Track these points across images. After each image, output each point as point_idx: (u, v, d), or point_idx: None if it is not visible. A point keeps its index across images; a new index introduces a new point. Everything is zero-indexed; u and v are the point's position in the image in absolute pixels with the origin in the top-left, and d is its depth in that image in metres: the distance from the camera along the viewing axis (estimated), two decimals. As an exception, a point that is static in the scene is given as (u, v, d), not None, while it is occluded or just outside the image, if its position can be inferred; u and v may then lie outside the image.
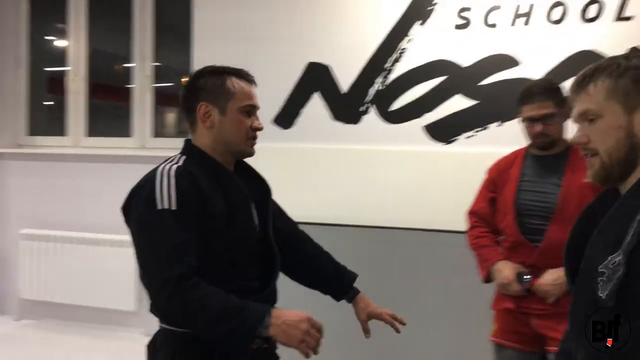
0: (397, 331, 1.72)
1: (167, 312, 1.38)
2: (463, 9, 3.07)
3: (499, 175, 2.27)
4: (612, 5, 2.84)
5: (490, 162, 2.90)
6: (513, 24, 2.98)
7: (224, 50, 3.55)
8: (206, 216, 1.40)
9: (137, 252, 1.41)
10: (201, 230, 1.39)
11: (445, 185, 3.07)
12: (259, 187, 1.64)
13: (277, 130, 3.45)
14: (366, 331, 1.72)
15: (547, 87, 2.16)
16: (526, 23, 2.96)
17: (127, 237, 1.46)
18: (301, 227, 3.20)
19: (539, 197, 2.11)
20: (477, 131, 3.06)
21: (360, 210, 3.21)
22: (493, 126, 3.03)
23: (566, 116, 2.16)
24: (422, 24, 3.14)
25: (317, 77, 3.35)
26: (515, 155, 2.28)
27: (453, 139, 3.10)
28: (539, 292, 2.06)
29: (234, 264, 1.46)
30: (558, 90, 2.16)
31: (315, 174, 3.35)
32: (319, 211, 3.28)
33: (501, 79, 2.99)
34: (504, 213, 2.18)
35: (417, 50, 3.15)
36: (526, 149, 2.26)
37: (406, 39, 3.16)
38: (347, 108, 3.30)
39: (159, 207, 1.37)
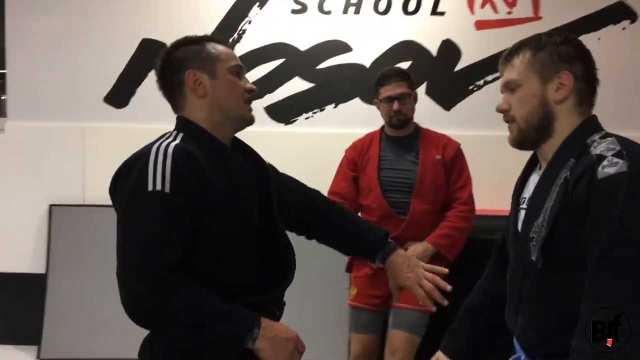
0: (432, 308, 1.45)
1: (138, 312, 1.17)
2: (299, -5, 3.19)
3: (358, 156, 2.43)
4: (428, 1, 3.18)
5: (327, 141, 3.09)
6: (345, 12, 3.19)
7: (44, 21, 3.24)
8: (205, 203, 1.23)
9: (117, 238, 1.22)
10: (195, 218, 1.21)
11: (287, 165, 3.17)
12: (259, 168, 1.43)
13: (109, 109, 3.26)
14: (395, 297, 1.59)
15: (400, 71, 2.42)
16: (357, 12, 3.19)
17: None
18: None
19: (400, 174, 2.34)
20: (315, 112, 3.23)
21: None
22: (329, 108, 3.22)
23: (415, 100, 2.41)
24: (260, 6, 3.20)
25: (152, 55, 3.20)
26: (371, 136, 2.47)
27: (293, 119, 3.23)
28: None
29: (231, 255, 1.28)
30: (409, 75, 2.42)
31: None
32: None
33: (336, 63, 3.19)
34: (368, 190, 2.36)
35: (257, 32, 3.20)
36: (380, 131, 2.46)
37: (246, 20, 3.20)
38: (186, 88, 3.23)
39: (149, 188, 1.18)
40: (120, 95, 3.25)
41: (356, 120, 3.14)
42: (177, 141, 1.26)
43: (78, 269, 3.16)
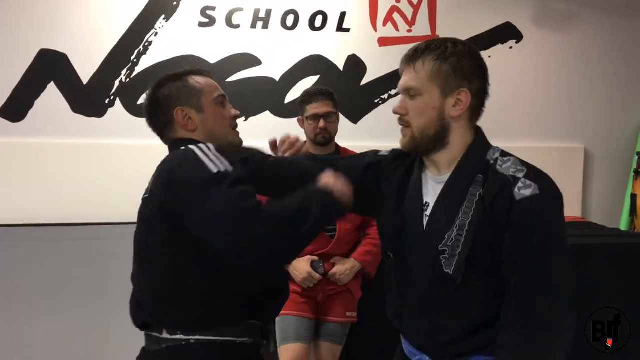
0: None
1: (259, 241, 1.19)
2: (207, 8, 3.18)
3: None
4: (334, 18, 3.30)
5: (238, 154, 3.10)
6: (254, 26, 3.22)
7: None
8: None
9: (202, 218, 1.22)
10: None
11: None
12: None
13: (4, 123, 3.06)
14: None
15: (326, 91, 2.46)
16: (265, 27, 3.23)
17: None
18: (38, 229, 2.94)
19: None
20: (225, 125, 3.22)
21: (108, 207, 3.07)
22: (240, 121, 3.18)
23: (338, 119, 2.47)
24: (166, 19, 3.16)
25: (51, 66, 3.08)
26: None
27: (203, 132, 3.21)
28: (334, 279, 2.36)
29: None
30: (334, 95, 2.48)
31: (53, 170, 3.09)
32: (61, 211, 3.04)
33: (246, 76, 3.21)
34: None
35: (164, 44, 3.15)
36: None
37: (152, 31, 3.14)
38: (88, 100, 3.11)
39: (214, 171, 1.24)
40: (16, 108, 3.06)
41: (267, 132, 3.13)
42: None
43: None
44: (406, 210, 1.31)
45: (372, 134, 3.30)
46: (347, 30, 3.31)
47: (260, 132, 3.22)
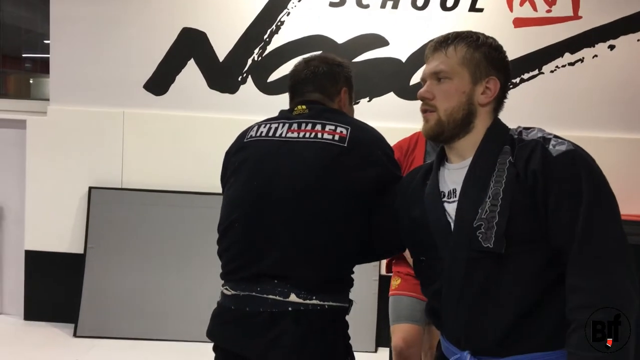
0: None
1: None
2: (338, -12, 3.21)
3: (403, 157, 2.42)
4: (467, -3, 3.17)
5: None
6: (383, 6, 3.20)
7: (88, 7, 3.32)
8: None
9: None
10: None
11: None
12: None
13: (149, 96, 3.35)
14: None
15: None
16: (394, 7, 3.20)
17: None
18: (169, 195, 3.19)
19: None
20: (349, 105, 3.25)
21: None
22: (363, 101, 3.25)
23: None
24: (299, -1, 3.24)
25: (192, 44, 3.30)
26: (416, 137, 2.44)
27: (327, 111, 3.26)
28: None
29: None
30: None
31: (189, 142, 3.33)
32: (192, 179, 3.27)
33: (372, 57, 3.21)
34: None
35: (295, 24, 3.24)
36: None
37: (285, 11, 3.24)
38: (223, 77, 3.30)
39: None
40: (159, 82, 3.33)
41: (390, 114, 3.17)
42: None
43: (115, 250, 3.27)
44: (426, 205, 1.28)
45: (501, 117, 3.14)
46: (481, 10, 3.18)
47: (383, 113, 3.23)
